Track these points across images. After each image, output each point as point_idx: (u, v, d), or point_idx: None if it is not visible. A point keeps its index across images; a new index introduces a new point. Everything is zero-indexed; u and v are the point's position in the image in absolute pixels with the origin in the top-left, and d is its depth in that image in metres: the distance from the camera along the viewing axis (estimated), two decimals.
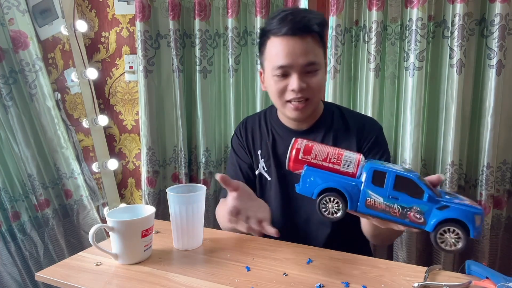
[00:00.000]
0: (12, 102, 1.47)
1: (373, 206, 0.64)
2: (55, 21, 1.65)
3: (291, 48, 0.90)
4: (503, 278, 0.66)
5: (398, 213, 0.62)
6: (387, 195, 0.62)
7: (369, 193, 0.63)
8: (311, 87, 0.93)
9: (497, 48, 1.25)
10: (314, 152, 0.69)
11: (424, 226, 0.61)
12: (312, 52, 0.92)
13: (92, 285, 0.72)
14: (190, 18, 1.55)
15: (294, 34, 0.90)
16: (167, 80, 1.60)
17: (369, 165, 0.64)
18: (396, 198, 0.62)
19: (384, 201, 0.63)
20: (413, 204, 0.61)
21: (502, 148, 1.33)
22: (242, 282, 0.71)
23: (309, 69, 0.92)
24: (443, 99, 1.36)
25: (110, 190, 1.81)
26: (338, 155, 0.68)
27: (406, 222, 0.62)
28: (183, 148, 1.61)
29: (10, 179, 1.50)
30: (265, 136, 1.08)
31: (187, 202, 0.83)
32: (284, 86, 0.93)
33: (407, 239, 1.43)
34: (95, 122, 1.75)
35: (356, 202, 0.65)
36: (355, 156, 0.68)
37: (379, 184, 0.63)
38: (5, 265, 1.49)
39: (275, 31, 0.92)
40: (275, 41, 0.92)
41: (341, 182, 0.65)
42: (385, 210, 0.63)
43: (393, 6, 1.37)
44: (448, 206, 0.60)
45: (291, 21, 0.89)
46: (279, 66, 0.92)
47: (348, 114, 1.06)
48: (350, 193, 0.65)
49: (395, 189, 0.62)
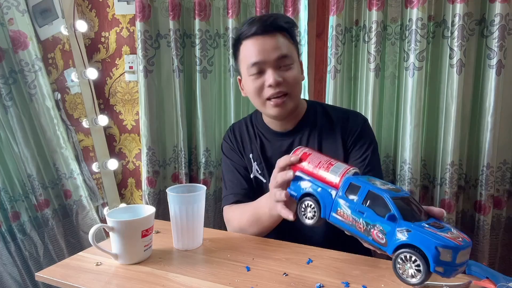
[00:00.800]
0: (12, 102, 1.47)
1: (342, 217, 0.64)
2: (55, 21, 1.65)
3: (261, 45, 0.94)
4: (503, 278, 0.66)
5: (362, 229, 0.61)
6: (355, 208, 0.62)
7: (340, 204, 0.64)
8: (287, 81, 0.95)
9: (497, 48, 1.25)
10: (308, 159, 0.72)
11: (385, 247, 0.59)
12: (284, 46, 0.95)
13: (92, 285, 0.72)
14: (190, 18, 1.55)
15: (264, 33, 0.94)
16: (167, 80, 1.60)
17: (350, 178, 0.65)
18: (362, 213, 0.61)
19: (351, 214, 0.63)
20: (376, 221, 0.59)
21: (502, 148, 1.33)
22: (242, 282, 0.71)
23: (283, 63, 0.95)
24: (443, 99, 1.36)
25: (110, 190, 1.81)
26: (329, 164, 0.70)
27: (369, 240, 0.61)
28: (183, 148, 1.61)
29: (10, 179, 1.50)
30: (253, 140, 1.10)
31: (187, 202, 0.83)
32: (261, 83, 0.96)
33: None
34: (95, 122, 1.75)
35: (329, 211, 0.66)
36: (343, 167, 0.69)
37: (351, 197, 0.63)
38: (5, 265, 1.49)
39: (245, 33, 0.96)
40: (247, 43, 0.96)
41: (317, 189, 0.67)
42: (352, 223, 0.63)
43: (393, 6, 1.37)
44: (410, 231, 0.55)
45: (259, 21, 0.95)
46: (253, 63, 0.95)
47: (331, 111, 1.07)
48: (324, 201, 0.66)
49: (364, 203, 0.61)
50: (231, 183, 1.10)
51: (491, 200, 1.33)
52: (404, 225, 0.57)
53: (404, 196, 0.61)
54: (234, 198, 1.06)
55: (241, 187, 1.07)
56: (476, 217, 1.37)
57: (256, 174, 1.08)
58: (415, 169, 1.37)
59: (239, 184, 1.08)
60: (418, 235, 0.55)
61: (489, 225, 1.34)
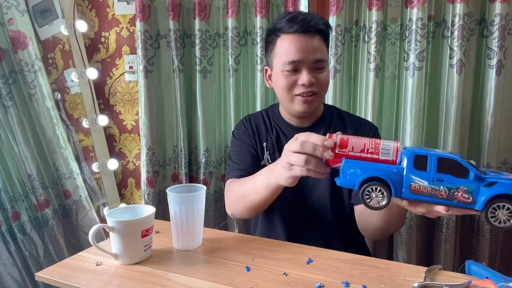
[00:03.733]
0: (11, 102, 1.47)
1: (418, 191, 0.63)
2: (55, 21, 1.65)
3: (302, 44, 0.95)
4: (503, 278, 0.66)
5: (445, 195, 0.61)
6: (431, 178, 0.62)
7: (412, 178, 0.63)
8: (320, 82, 0.98)
9: (497, 48, 1.25)
10: (350, 144, 0.68)
11: (473, 205, 0.60)
12: (320, 50, 0.97)
13: (92, 285, 0.72)
14: (190, 18, 1.55)
15: (305, 32, 0.95)
16: (167, 80, 1.60)
17: (409, 150, 0.64)
18: (442, 180, 0.61)
19: (429, 185, 0.62)
20: (459, 184, 0.60)
21: (502, 148, 1.33)
22: (242, 282, 0.71)
23: (318, 65, 0.97)
24: (443, 99, 1.36)
25: (110, 190, 1.81)
26: (376, 144, 0.67)
27: (454, 203, 0.62)
28: (183, 148, 1.61)
29: (10, 179, 1.50)
30: (269, 130, 1.11)
31: (187, 202, 0.83)
32: (294, 80, 0.97)
33: (407, 239, 1.43)
34: (95, 122, 1.74)
35: (400, 189, 0.64)
36: (393, 144, 0.67)
37: (421, 168, 0.62)
38: (5, 265, 1.49)
39: (285, 29, 0.96)
40: (286, 38, 0.97)
41: (382, 170, 0.64)
42: (431, 193, 0.62)
43: (393, 6, 1.37)
44: (496, 182, 0.59)
45: (302, 20, 0.95)
46: (291, 61, 0.95)
47: (345, 115, 1.11)
48: (393, 180, 0.64)
49: (439, 171, 0.61)
50: (238, 161, 1.10)
51: None
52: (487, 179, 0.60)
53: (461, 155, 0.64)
54: (239, 173, 1.05)
55: (248, 164, 1.08)
56: (476, 217, 1.37)
57: (267, 163, 1.09)
58: None
59: (246, 162, 1.08)
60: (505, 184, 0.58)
61: None
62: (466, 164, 0.60)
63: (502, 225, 0.60)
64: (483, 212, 0.60)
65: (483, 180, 0.59)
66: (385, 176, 0.64)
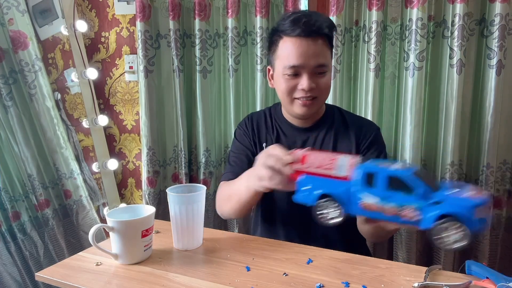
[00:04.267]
0: (12, 102, 1.47)
1: (368, 207, 0.63)
2: (55, 21, 1.65)
3: (304, 49, 0.93)
4: (503, 278, 0.66)
5: (393, 212, 0.61)
6: (380, 195, 0.62)
7: (362, 195, 0.63)
8: (320, 87, 0.97)
9: (497, 48, 1.25)
10: (308, 161, 0.70)
11: (421, 223, 0.60)
12: (322, 54, 0.96)
13: (92, 285, 0.72)
14: (190, 18, 1.55)
15: (307, 36, 0.93)
16: (167, 80, 1.60)
17: (361, 167, 0.64)
18: (390, 197, 0.61)
19: (378, 202, 0.62)
20: (407, 202, 0.60)
21: (502, 148, 1.33)
22: (242, 282, 0.71)
23: (319, 70, 0.96)
24: (443, 99, 1.36)
25: (110, 190, 1.81)
26: (331, 160, 0.68)
27: (402, 221, 0.61)
28: (183, 148, 1.61)
29: (10, 179, 1.50)
30: (270, 130, 1.11)
31: (187, 202, 0.83)
32: (294, 85, 0.97)
33: (407, 239, 1.43)
34: (95, 122, 1.74)
35: (351, 205, 0.65)
36: (348, 160, 0.68)
37: (372, 185, 0.63)
38: (5, 265, 1.49)
39: (288, 32, 0.95)
40: (288, 41, 0.95)
41: (333, 187, 0.66)
42: (380, 210, 0.62)
43: (393, 6, 1.37)
44: (442, 202, 0.57)
45: (305, 23, 0.93)
46: (291, 66, 0.95)
47: (347, 115, 1.11)
48: (343, 197, 0.65)
49: (388, 188, 0.61)
50: (234, 164, 1.11)
51: (491, 200, 1.33)
52: (435, 197, 0.58)
53: (417, 170, 0.62)
54: (232, 176, 1.06)
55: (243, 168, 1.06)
56: None
57: None
58: None
59: (242, 166, 1.08)
60: (451, 203, 0.56)
61: (489, 225, 1.34)
62: (415, 181, 0.59)
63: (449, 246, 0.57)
64: (429, 231, 0.59)
65: (430, 198, 0.58)
66: (336, 193, 0.65)
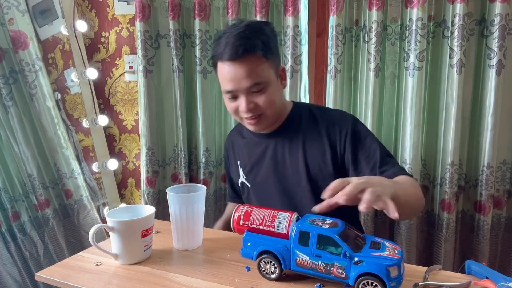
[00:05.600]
0: (12, 102, 1.47)
1: (302, 264, 0.68)
2: (55, 21, 1.65)
3: (233, 73, 0.93)
4: (503, 278, 0.66)
5: (324, 270, 0.66)
6: (311, 253, 0.67)
7: (297, 253, 0.68)
8: (260, 106, 0.96)
9: (497, 48, 1.25)
10: (252, 217, 0.75)
11: (347, 280, 0.65)
12: (255, 73, 0.92)
13: (92, 285, 0.72)
14: (190, 18, 1.55)
15: (235, 59, 0.91)
16: (167, 80, 1.60)
17: (296, 225, 0.69)
18: (319, 256, 0.66)
19: (310, 260, 0.67)
20: (334, 260, 0.65)
21: (502, 148, 1.33)
22: (242, 282, 0.71)
23: (254, 89, 0.95)
24: (443, 99, 1.36)
25: (110, 190, 1.81)
26: (272, 217, 0.73)
27: (332, 278, 0.66)
28: (183, 148, 1.61)
29: (10, 179, 1.50)
30: (242, 145, 1.15)
31: (187, 202, 0.83)
32: (235, 106, 0.98)
33: (407, 239, 1.43)
34: (95, 122, 1.75)
35: (288, 262, 0.69)
36: (286, 217, 0.73)
37: (304, 244, 0.67)
38: (5, 265, 1.49)
39: (219, 56, 0.95)
40: (221, 66, 0.96)
41: (273, 244, 0.70)
42: (312, 267, 0.67)
43: (393, 6, 1.37)
44: (363, 261, 0.63)
45: (232, 45, 0.90)
46: (227, 91, 0.97)
47: (317, 112, 1.06)
48: (282, 254, 0.69)
49: (318, 247, 0.66)
50: (229, 184, 1.26)
51: (491, 200, 1.33)
52: (356, 256, 0.64)
53: (344, 228, 0.68)
54: (230, 199, 1.27)
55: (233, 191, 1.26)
56: (476, 217, 1.37)
57: (243, 179, 1.14)
58: (415, 169, 1.37)
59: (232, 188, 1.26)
60: (369, 263, 0.62)
61: (489, 225, 1.34)
62: (340, 241, 0.64)
63: None
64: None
65: (352, 258, 0.64)
66: (276, 250, 0.70)
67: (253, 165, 1.10)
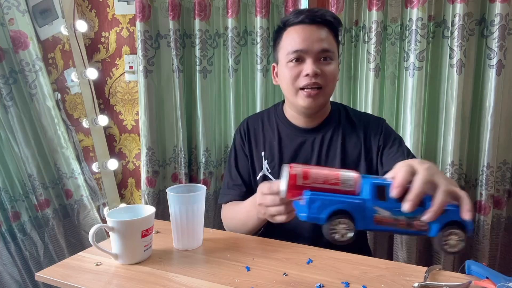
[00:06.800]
0: (12, 102, 1.47)
1: (381, 221, 0.63)
2: (55, 21, 1.65)
3: (307, 34, 0.94)
4: (503, 278, 0.66)
5: (405, 224, 0.63)
6: (392, 208, 0.62)
7: (376, 209, 0.63)
8: (325, 74, 0.94)
9: (497, 48, 1.25)
10: (312, 175, 0.66)
11: (428, 232, 0.63)
12: (327, 40, 0.95)
13: (92, 285, 0.72)
14: (190, 18, 1.55)
15: (311, 22, 0.94)
16: (167, 80, 1.60)
17: (368, 180, 0.64)
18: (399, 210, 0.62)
19: (391, 215, 0.62)
20: (417, 213, 0.61)
21: (502, 148, 1.33)
22: (242, 282, 0.71)
23: (324, 55, 0.95)
24: (443, 99, 1.36)
25: (110, 190, 1.81)
26: (336, 175, 0.66)
27: (412, 232, 0.63)
28: (183, 148, 1.61)
29: (10, 179, 1.50)
30: (269, 136, 1.07)
31: (187, 202, 0.83)
32: (298, 71, 0.95)
33: (407, 239, 1.43)
34: (95, 122, 1.75)
35: (364, 220, 0.63)
36: (352, 174, 0.66)
37: (382, 199, 0.63)
38: (5, 265, 1.49)
39: (292, 21, 0.96)
40: (292, 29, 0.96)
41: (348, 202, 0.63)
42: (393, 223, 0.63)
43: (393, 6, 1.37)
44: (447, 210, 0.61)
45: (308, 11, 0.96)
46: (295, 50, 0.94)
47: (352, 113, 1.09)
48: (357, 212, 0.63)
49: (398, 200, 0.62)
50: (232, 182, 1.10)
51: (491, 200, 1.33)
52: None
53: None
54: (231, 199, 1.09)
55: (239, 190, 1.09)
56: (476, 217, 1.37)
57: (266, 172, 1.07)
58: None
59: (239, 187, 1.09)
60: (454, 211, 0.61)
61: (489, 225, 1.34)
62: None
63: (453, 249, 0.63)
64: (436, 239, 0.62)
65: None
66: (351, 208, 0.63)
67: (285, 159, 1.04)
